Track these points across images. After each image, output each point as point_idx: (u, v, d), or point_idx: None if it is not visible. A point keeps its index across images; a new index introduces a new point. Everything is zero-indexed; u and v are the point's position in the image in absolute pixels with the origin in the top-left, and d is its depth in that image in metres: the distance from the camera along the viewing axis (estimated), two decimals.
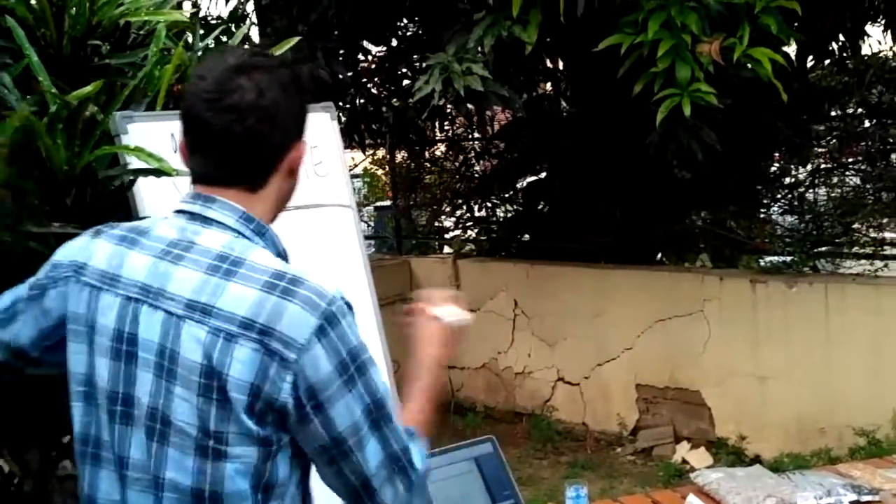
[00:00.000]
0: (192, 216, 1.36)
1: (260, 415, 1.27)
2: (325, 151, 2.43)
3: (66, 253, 1.44)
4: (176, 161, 1.87)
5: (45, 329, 1.43)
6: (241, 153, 1.35)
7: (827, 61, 5.82)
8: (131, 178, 1.81)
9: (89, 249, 1.41)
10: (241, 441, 1.27)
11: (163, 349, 1.29)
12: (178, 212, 1.38)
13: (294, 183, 1.44)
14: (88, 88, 1.77)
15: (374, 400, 1.33)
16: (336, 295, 1.32)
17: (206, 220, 1.35)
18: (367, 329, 2.47)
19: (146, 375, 1.31)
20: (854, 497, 2.77)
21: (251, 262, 1.31)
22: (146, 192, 1.87)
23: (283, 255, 1.41)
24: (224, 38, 2.57)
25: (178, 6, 2.51)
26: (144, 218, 1.62)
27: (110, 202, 1.88)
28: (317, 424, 1.30)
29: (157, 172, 1.77)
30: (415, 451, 1.39)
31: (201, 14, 6.17)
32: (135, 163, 1.80)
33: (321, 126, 2.45)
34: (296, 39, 2.38)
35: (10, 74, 1.78)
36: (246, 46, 4.66)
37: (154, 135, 1.90)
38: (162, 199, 1.85)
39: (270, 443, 1.29)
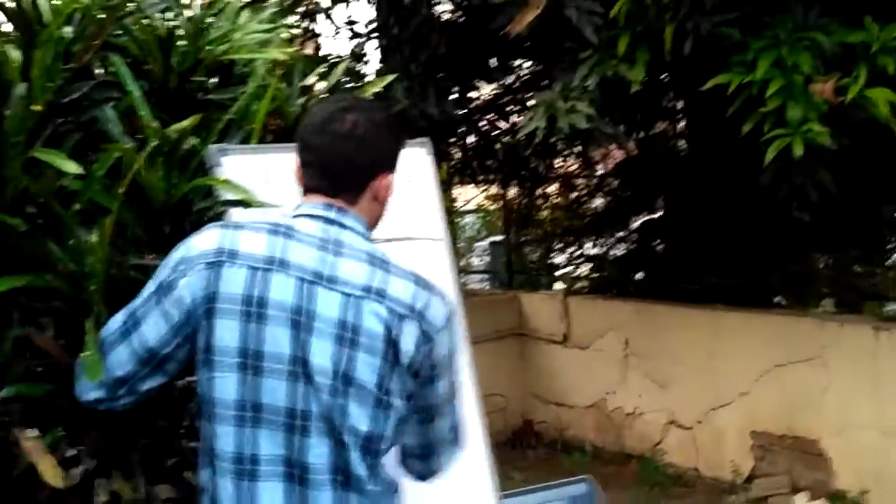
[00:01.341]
0: (330, 221, 1.67)
1: (413, 375, 1.65)
2: (419, 185, 2.48)
3: (196, 247, 1.65)
4: (267, 193, 1.96)
5: (177, 322, 1.63)
6: (337, 171, 1.69)
7: None
8: (223, 209, 1.89)
9: (232, 239, 1.64)
10: (400, 395, 1.65)
11: (344, 323, 1.60)
12: (310, 216, 1.68)
13: (381, 210, 1.76)
14: (186, 123, 1.88)
15: (456, 382, 1.77)
16: (450, 299, 1.77)
17: (343, 226, 1.68)
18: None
19: (325, 343, 1.60)
20: None
21: (393, 262, 1.68)
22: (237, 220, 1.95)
23: None
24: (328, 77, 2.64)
25: (298, 44, 2.62)
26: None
27: None
28: (432, 388, 1.70)
29: (245, 203, 1.85)
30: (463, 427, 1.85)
31: (322, 53, 6.39)
32: (225, 194, 1.89)
33: (416, 161, 2.49)
34: (394, 75, 2.44)
35: (116, 109, 1.89)
36: (346, 83, 4.83)
37: (248, 167, 1.98)
38: None
39: (411, 398, 1.68)
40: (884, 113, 3.91)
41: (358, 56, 5.67)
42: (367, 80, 5.37)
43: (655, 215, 7.09)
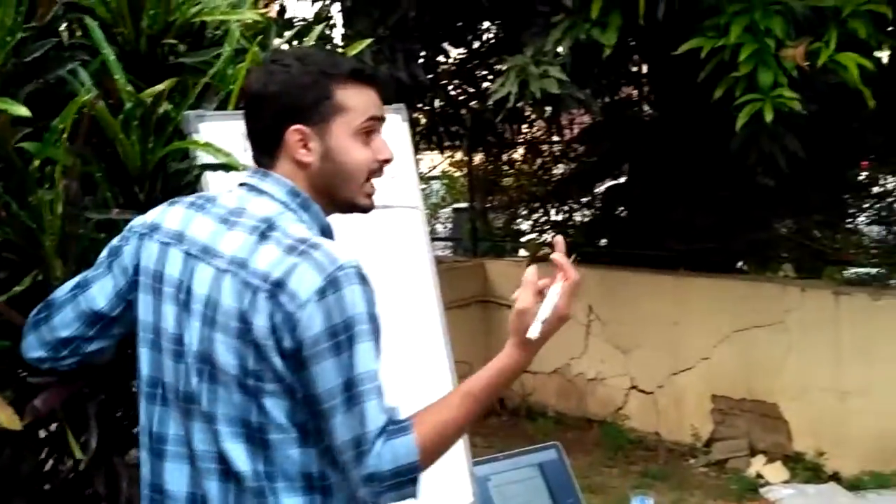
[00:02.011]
0: (251, 188, 1.54)
1: (282, 356, 1.42)
2: (394, 153, 2.44)
3: (142, 218, 1.61)
4: (245, 158, 1.91)
5: (122, 287, 1.58)
6: (249, 130, 1.57)
7: None
8: (199, 172, 1.85)
9: (164, 214, 1.58)
10: (273, 379, 1.43)
11: (209, 299, 1.47)
12: (241, 184, 1.57)
13: (325, 169, 1.53)
14: (161, 86, 1.82)
15: (355, 376, 1.42)
16: (348, 263, 1.43)
17: (260, 192, 1.53)
18: (430, 330, 2.46)
19: (196, 323, 1.48)
20: None
21: (284, 228, 1.47)
22: (214, 186, 1.90)
23: (326, 230, 1.56)
24: (301, 40, 2.58)
25: (263, 5, 2.55)
26: None
27: (180, 195, 1.92)
28: (307, 375, 1.42)
29: (226, 167, 1.81)
30: (381, 449, 1.42)
31: (288, 15, 6.27)
32: (204, 158, 1.84)
33: (392, 128, 2.45)
34: (368, 41, 2.39)
35: (88, 71, 1.83)
36: (325, 47, 4.74)
37: (225, 133, 1.93)
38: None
39: (290, 382, 1.43)
40: (854, 77, 3.93)
41: (323, 18, 5.57)
42: (336, 45, 5.29)
43: (620, 181, 7.10)
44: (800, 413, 5.29)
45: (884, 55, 5.14)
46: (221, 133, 1.92)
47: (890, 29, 4.73)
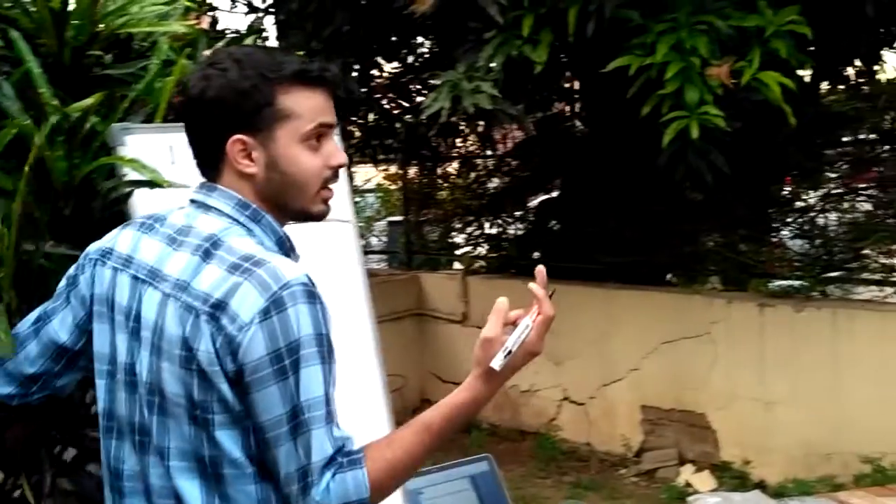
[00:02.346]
0: (199, 204, 1.45)
1: (229, 384, 1.33)
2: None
3: (97, 243, 1.53)
4: (172, 173, 1.89)
5: (81, 318, 1.51)
6: (193, 144, 1.47)
7: (842, 86, 5.81)
8: (128, 189, 1.82)
9: (116, 237, 1.51)
10: (220, 409, 1.34)
11: (156, 326, 1.38)
12: (191, 200, 1.47)
13: (272, 179, 1.43)
14: (89, 101, 1.79)
15: (300, 403, 1.32)
16: (294, 280, 1.33)
17: (207, 208, 1.44)
18: (363, 343, 2.47)
19: (145, 353, 1.39)
20: None
21: (229, 245, 1.38)
22: (142, 203, 1.88)
23: (283, 242, 1.47)
24: None
25: (193, 17, 2.53)
26: None
27: (109, 214, 1.89)
28: (252, 401, 1.33)
29: (151, 184, 1.79)
30: (329, 482, 1.33)
31: (220, 27, 6.21)
32: (131, 174, 1.82)
33: None
34: (300, 54, 2.39)
35: (10, 82, 1.80)
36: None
37: (152, 147, 1.91)
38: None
39: (237, 410, 1.34)
40: (776, 96, 4.04)
41: (256, 31, 5.53)
42: None
43: (553, 195, 7.18)
44: (726, 422, 5.40)
45: (806, 74, 5.31)
46: (149, 146, 1.91)
47: (811, 49, 4.90)
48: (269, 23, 6.02)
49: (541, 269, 1.50)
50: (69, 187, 1.79)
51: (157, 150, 1.93)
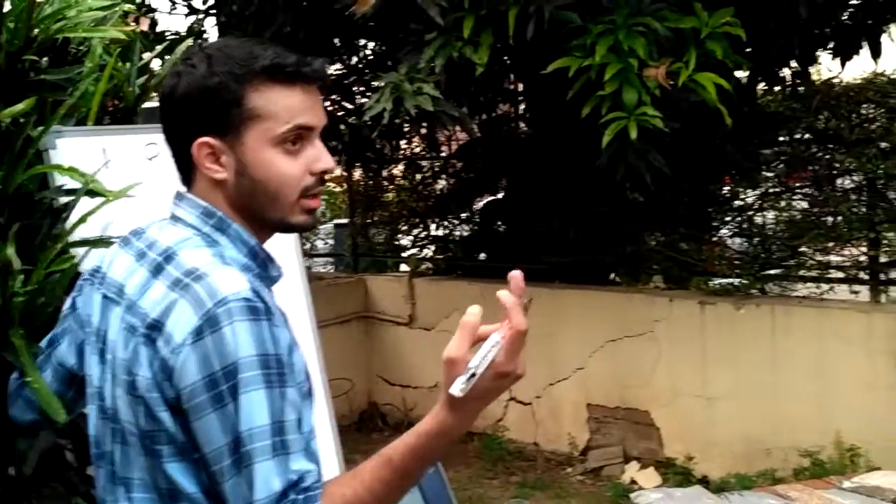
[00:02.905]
0: (171, 215, 1.35)
1: (171, 412, 1.22)
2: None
3: (89, 262, 1.47)
4: (108, 178, 1.87)
5: (81, 340, 1.41)
6: (169, 147, 1.36)
7: (778, 87, 5.93)
8: (67, 199, 1.79)
9: (105, 254, 1.43)
10: (165, 439, 1.23)
11: (115, 348, 1.29)
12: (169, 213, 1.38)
13: (241, 184, 1.31)
14: (21, 106, 1.76)
15: (242, 433, 1.18)
16: (232, 295, 1.20)
17: (175, 218, 1.34)
18: (304, 347, 2.46)
19: (109, 377, 1.31)
20: None
21: (179, 259, 1.27)
22: (79, 210, 1.85)
23: (256, 253, 1.34)
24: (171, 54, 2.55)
25: (131, 20, 2.51)
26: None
27: (51, 222, 1.86)
28: (193, 430, 1.21)
29: (91, 193, 1.75)
30: None
31: (160, 29, 6.15)
32: (69, 182, 1.79)
33: None
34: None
35: None
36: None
37: (84, 150, 1.89)
38: (99, 219, 1.82)
39: (181, 441, 1.23)
40: (712, 96, 4.11)
41: (197, 33, 5.49)
42: None
43: (498, 196, 7.22)
44: (670, 419, 5.48)
45: (743, 75, 5.42)
46: (80, 149, 1.89)
47: (748, 50, 5.00)
48: (210, 25, 5.97)
49: (516, 275, 1.26)
50: (3, 196, 1.75)
51: (90, 153, 1.91)
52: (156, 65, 2.48)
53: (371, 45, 6.58)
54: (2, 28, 1.93)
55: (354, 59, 6.52)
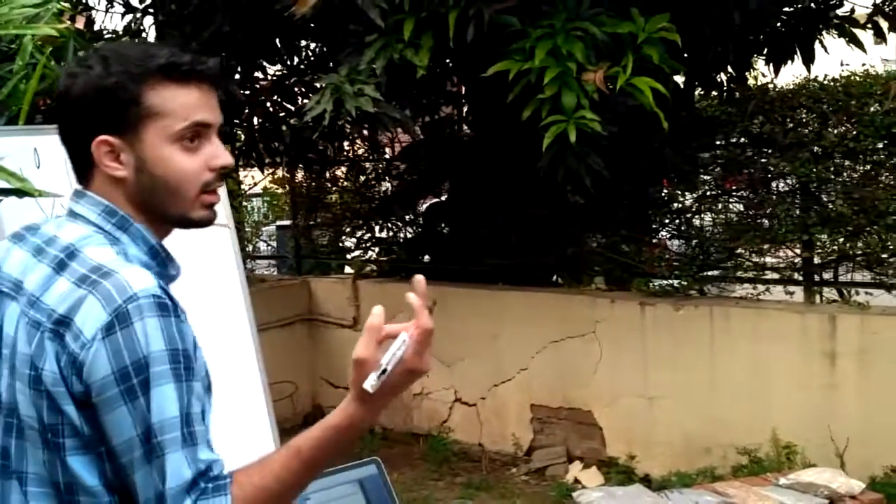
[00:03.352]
0: (70, 212, 1.37)
1: (77, 406, 1.25)
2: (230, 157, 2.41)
3: None
4: (38, 177, 1.84)
5: None
6: (64, 145, 1.38)
7: (714, 92, 6.04)
8: None
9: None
10: (70, 432, 1.26)
11: (14, 342, 1.30)
12: (68, 209, 1.39)
13: (141, 181, 1.35)
14: None
15: (153, 424, 1.22)
16: (141, 292, 1.24)
17: (75, 215, 1.36)
18: (242, 350, 2.44)
19: (5, 371, 1.32)
20: None
21: (84, 256, 1.30)
22: (8, 212, 1.82)
23: (156, 252, 1.38)
24: None
25: (66, 18, 2.46)
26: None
27: None
28: (104, 423, 1.24)
29: (20, 193, 1.72)
30: None
31: (97, 27, 6.05)
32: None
33: None
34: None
35: None
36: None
37: (16, 149, 1.86)
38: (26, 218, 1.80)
39: (88, 435, 1.26)
40: (648, 100, 4.17)
41: (134, 32, 5.42)
42: None
43: (441, 198, 7.24)
44: (612, 419, 5.54)
45: (680, 80, 5.51)
46: (11, 148, 1.85)
47: (685, 56, 5.08)
48: (148, 24, 5.89)
49: (419, 279, 1.34)
50: None
51: (20, 152, 1.88)
52: None
53: (312, 46, 6.56)
54: None
55: (295, 60, 6.48)
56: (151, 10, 5.67)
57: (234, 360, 2.21)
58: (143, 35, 5.58)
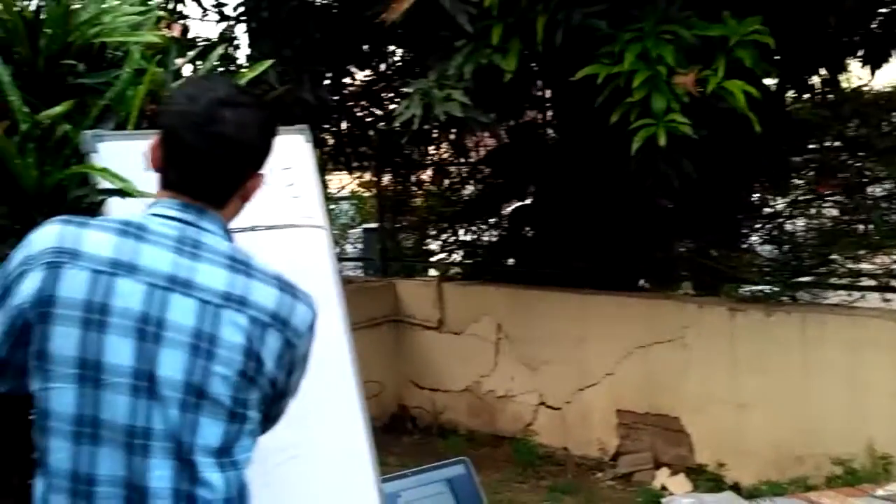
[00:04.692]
0: (186, 223, 1.55)
1: (271, 385, 1.57)
2: (298, 173, 2.47)
3: (35, 245, 1.51)
4: (144, 180, 1.91)
5: (11, 324, 1.49)
6: (212, 175, 1.58)
7: (807, 95, 5.90)
8: (100, 198, 1.84)
9: (74, 238, 1.50)
10: (257, 406, 1.56)
11: (199, 332, 1.49)
12: (164, 216, 1.55)
13: (243, 206, 1.67)
14: (59, 108, 1.81)
15: (302, 377, 1.69)
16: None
17: (201, 228, 1.56)
18: (336, 350, 2.49)
19: (177, 354, 1.47)
20: None
21: (256, 265, 1.59)
22: (114, 210, 1.90)
23: None
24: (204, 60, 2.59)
25: (164, 25, 2.56)
26: None
27: None
28: (292, 379, 1.64)
29: (122, 193, 1.80)
30: None
31: (191, 35, 6.22)
32: (103, 182, 1.83)
33: (295, 148, 2.48)
34: (269, 62, 2.42)
35: None
36: (220, 69, 4.73)
37: (125, 154, 1.93)
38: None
39: (267, 407, 1.61)
40: (740, 104, 4.10)
41: (228, 39, 5.56)
42: (240, 65, 5.28)
43: (526, 202, 7.24)
44: (700, 426, 5.46)
45: (772, 83, 5.40)
46: (120, 153, 1.93)
47: (777, 58, 4.98)
48: (241, 31, 6.03)
49: None
50: (40, 194, 1.80)
51: (129, 156, 1.95)
52: (188, 70, 2.53)
53: (400, 51, 6.63)
54: (39, 34, 1.98)
55: (384, 66, 6.56)
56: (244, 18, 5.81)
57: (330, 358, 2.26)
58: (236, 42, 5.73)
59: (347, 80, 6.30)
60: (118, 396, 1.45)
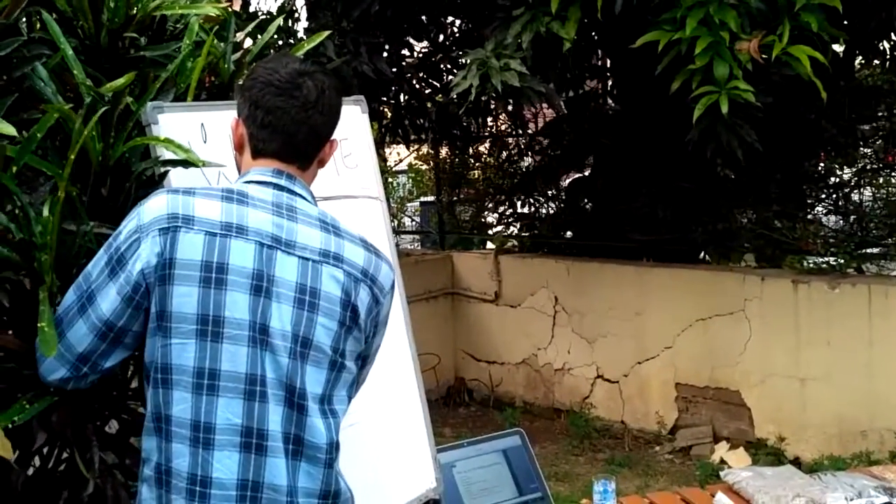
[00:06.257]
0: (280, 187, 1.69)
1: (365, 339, 1.73)
2: (355, 144, 2.47)
3: (148, 213, 1.61)
4: (204, 151, 1.93)
5: (130, 292, 1.58)
6: (300, 137, 1.71)
7: (876, 61, 5.73)
8: (164, 169, 1.86)
9: (185, 204, 1.62)
10: (352, 356, 1.70)
11: (303, 287, 1.63)
12: (260, 183, 1.69)
13: (316, 174, 1.81)
14: (121, 80, 1.83)
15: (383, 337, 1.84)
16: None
17: (293, 192, 1.70)
18: (394, 322, 2.50)
19: (285, 307, 1.61)
20: (886, 499, 2.74)
21: (344, 227, 1.73)
22: (176, 181, 1.92)
23: None
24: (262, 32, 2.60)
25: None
26: None
27: (144, 192, 1.93)
28: (371, 346, 1.78)
29: (185, 163, 1.82)
30: None
31: (252, 9, 6.26)
32: (165, 154, 1.86)
33: (352, 119, 2.49)
34: (327, 32, 2.42)
35: (46, 67, 1.84)
36: (279, 41, 4.74)
37: (184, 125, 1.95)
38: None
39: (359, 358, 1.74)
40: (806, 70, 4.00)
41: (288, 12, 5.58)
42: (300, 38, 5.30)
43: (584, 174, 7.17)
44: (761, 400, 5.39)
45: (839, 49, 5.25)
46: (180, 124, 1.95)
47: (844, 22, 4.83)
48: (300, 3, 6.04)
49: None
50: (105, 167, 1.82)
51: (189, 127, 1.97)
52: (248, 43, 2.54)
53: (458, 22, 6.59)
54: (103, 7, 2.01)
55: (441, 37, 6.53)
56: None
57: (387, 330, 2.28)
58: (296, 15, 5.74)
59: (405, 52, 6.28)
60: (239, 348, 1.58)
